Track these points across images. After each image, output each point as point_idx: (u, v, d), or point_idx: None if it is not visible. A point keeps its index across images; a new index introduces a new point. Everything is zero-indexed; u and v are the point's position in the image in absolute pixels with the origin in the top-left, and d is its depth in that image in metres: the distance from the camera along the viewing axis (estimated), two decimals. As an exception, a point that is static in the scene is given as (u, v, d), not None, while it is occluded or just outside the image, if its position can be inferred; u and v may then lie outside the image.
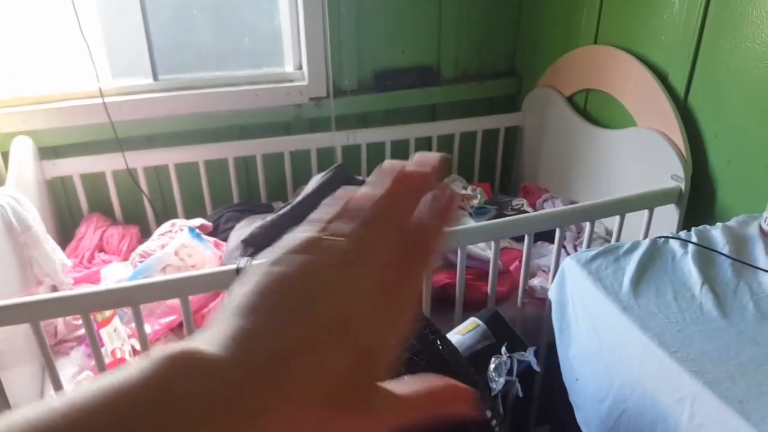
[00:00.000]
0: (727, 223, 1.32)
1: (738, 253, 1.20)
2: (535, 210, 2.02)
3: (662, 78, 1.65)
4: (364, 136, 2.15)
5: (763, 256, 1.19)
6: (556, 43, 2.10)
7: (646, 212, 1.55)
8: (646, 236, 1.54)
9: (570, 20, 2.02)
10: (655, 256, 1.20)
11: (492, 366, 1.03)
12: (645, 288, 1.11)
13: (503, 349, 1.07)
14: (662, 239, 1.25)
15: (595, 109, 1.99)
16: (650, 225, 1.56)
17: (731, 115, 1.49)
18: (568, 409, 1.23)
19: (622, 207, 1.52)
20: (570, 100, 2.06)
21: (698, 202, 1.58)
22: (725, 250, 1.21)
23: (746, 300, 1.08)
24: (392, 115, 2.24)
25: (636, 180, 1.72)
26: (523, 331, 1.45)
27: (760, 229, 1.26)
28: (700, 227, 1.30)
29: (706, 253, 1.21)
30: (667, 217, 1.58)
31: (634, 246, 1.23)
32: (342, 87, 2.17)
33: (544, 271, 1.73)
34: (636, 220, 1.55)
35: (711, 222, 1.34)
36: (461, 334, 1.15)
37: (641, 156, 1.71)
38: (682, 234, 1.27)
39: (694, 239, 1.25)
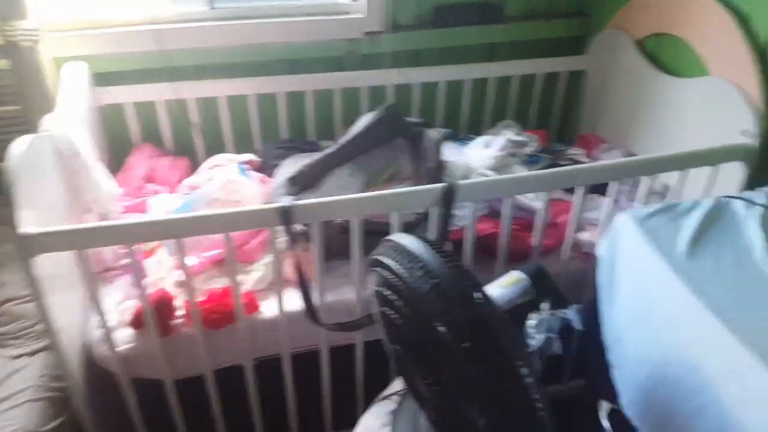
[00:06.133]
0: (801, 185, 1.22)
1: (809, 220, 1.11)
2: (593, 161, 1.93)
3: (743, 21, 1.51)
4: (417, 75, 2.08)
5: (837, 224, 1.10)
6: (631, -21, 1.94)
7: (709, 169, 1.45)
8: (707, 195, 1.45)
9: (647, -44, 1.86)
10: (717, 216, 1.13)
11: (532, 322, 1.00)
12: (703, 250, 1.05)
13: (545, 306, 1.04)
14: (726, 199, 1.17)
15: (666, 56, 1.85)
16: (714, 183, 1.46)
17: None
18: (604, 368, 1.19)
19: (684, 162, 1.43)
20: (641, 44, 1.93)
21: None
22: (795, 214, 1.13)
23: (813, 271, 1.01)
24: (448, 54, 2.15)
25: (703, 133, 1.61)
26: (567, 286, 1.41)
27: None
28: (769, 188, 1.22)
29: (773, 217, 1.12)
30: (734, 175, 1.48)
31: (695, 205, 1.16)
32: (399, 22, 2.08)
33: (593, 224, 1.66)
34: (699, 176, 1.46)
35: (783, 183, 1.25)
36: (503, 287, 1.12)
37: (710, 108, 1.59)
38: (749, 194, 1.18)
39: (761, 200, 1.17)
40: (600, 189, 1.68)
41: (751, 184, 1.45)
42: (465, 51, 2.17)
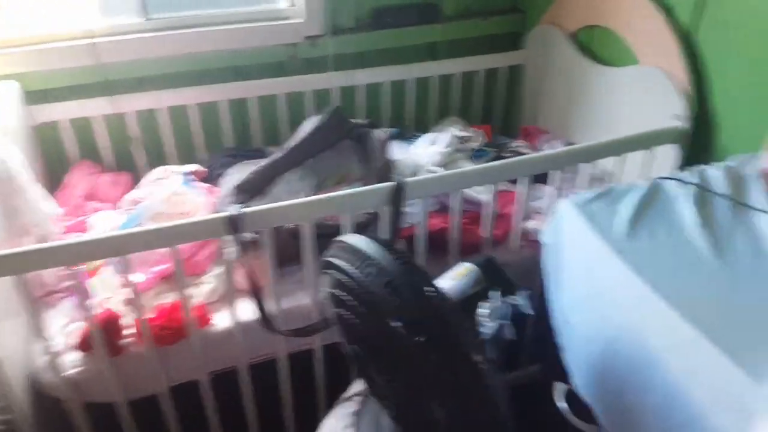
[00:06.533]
0: (728, 162, 1.28)
1: (737, 194, 1.17)
2: (536, 152, 1.98)
3: (667, 11, 1.58)
4: (361, 77, 2.09)
5: (762, 197, 1.16)
6: (560, -25, 2.00)
7: (645, 153, 1.51)
8: (644, 177, 1.51)
9: (574, -49, 1.92)
10: (653, 197, 1.17)
11: (483, 310, 1.02)
12: (641, 230, 1.09)
13: (496, 293, 1.06)
14: (661, 180, 1.22)
15: (598, 47, 1.92)
16: (650, 166, 1.52)
17: (739, 53, 1.42)
18: (557, 351, 1.22)
19: (620, 148, 1.49)
20: (574, 37, 1.99)
21: (701, 142, 1.54)
22: (725, 190, 1.18)
23: (743, 242, 1.06)
24: (391, 55, 2.17)
25: (637, 120, 1.67)
26: (519, 274, 1.43)
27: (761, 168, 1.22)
28: (700, 167, 1.27)
29: (704, 194, 1.18)
30: (669, 157, 1.54)
31: (632, 187, 1.20)
32: (339, 25, 2.09)
33: (539, 213, 1.71)
34: (637, 160, 1.51)
35: (713, 162, 1.31)
36: (454, 278, 1.13)
37: (643, 95, 1.65)
38: (682, 174, 1.24)
39: (693, 179, 1.22)
40: (545, 179, 1.73)
41: (685, 164, 1.52)
42: (406, 51, 2.20)
